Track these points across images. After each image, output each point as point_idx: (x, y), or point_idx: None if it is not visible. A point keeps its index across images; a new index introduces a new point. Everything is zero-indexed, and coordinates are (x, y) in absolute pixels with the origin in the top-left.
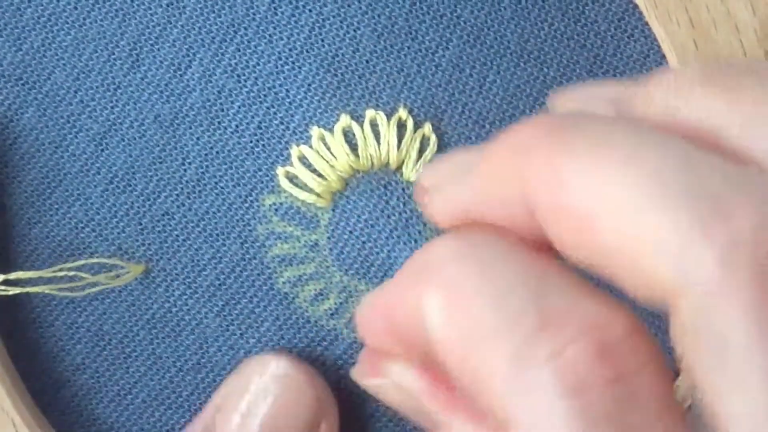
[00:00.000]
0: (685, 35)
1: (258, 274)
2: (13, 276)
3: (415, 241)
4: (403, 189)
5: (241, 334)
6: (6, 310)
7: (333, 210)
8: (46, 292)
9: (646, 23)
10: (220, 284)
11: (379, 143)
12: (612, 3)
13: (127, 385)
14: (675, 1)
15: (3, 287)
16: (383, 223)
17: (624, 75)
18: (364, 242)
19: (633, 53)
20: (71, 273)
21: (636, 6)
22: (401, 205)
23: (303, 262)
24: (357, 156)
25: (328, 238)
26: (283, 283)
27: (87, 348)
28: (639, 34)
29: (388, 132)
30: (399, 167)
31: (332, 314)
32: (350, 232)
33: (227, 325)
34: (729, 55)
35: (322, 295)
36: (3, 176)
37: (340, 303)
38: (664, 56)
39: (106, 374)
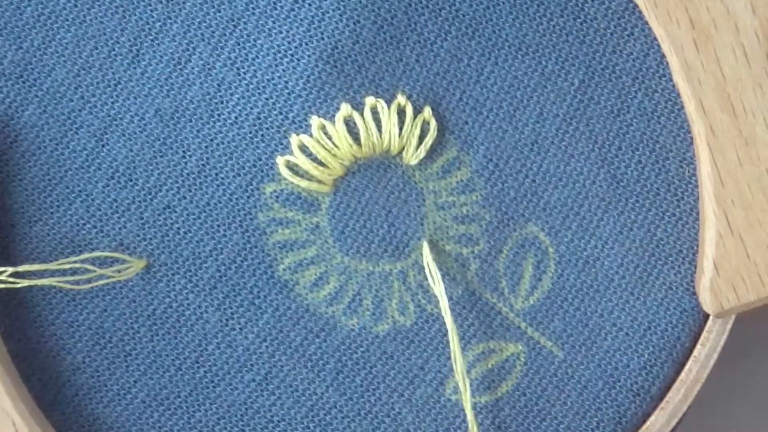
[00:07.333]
0: (685, 35)
1: (258, 263)
2: (21, 269)
3: (415, 218)
4: (402, 171)
5: (240, 328)
6: (6, 309)
7: (334, 194)
8: (53, 284)
9: (646, 23)
10: (220, 276)
11: (380, 131)
12: (612, 1)
13: (127, 385)
14: (675, 1)
15: (12, 279)
16: (383, 202)
17: (623, 74)
18: (365, 221)
19: (633, 52)
20: (78, 265)
21: (636, 5)
22: (401, 184)
23: (304, 246)
24: (359, 145)
25: (329, 219)
26: (284, 270)
27: (87, 347)
28: (639, 34)
29: (389, 119)
30: (399, 152)
31: (331, 300)
32: (351, 213)
33: (227, 320)
34: (729, 56)
35: (322, 279)
36: (4, 174)
37: (340, 287)
38: (664, 56)
39: (106, 374)
